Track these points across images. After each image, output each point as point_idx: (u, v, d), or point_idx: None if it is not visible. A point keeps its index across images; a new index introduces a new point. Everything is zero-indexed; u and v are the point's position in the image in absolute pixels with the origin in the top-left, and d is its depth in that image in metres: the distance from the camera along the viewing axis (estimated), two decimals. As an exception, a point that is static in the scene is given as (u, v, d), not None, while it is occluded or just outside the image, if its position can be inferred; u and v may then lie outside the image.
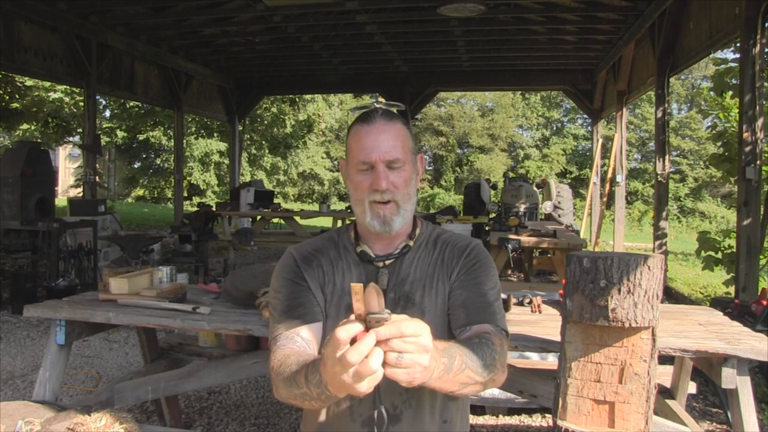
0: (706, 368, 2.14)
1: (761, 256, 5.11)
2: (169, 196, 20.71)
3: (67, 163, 23.77)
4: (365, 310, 0.94)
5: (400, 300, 1.39)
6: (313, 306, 1.38)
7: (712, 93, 6.81)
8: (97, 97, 9.93)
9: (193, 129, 20.21)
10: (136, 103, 16.76)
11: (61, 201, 11.89)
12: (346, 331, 0.93)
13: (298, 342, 1.31)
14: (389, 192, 1.34)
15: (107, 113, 20.19)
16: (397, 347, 0.92)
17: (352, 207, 1.43)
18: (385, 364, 0.92)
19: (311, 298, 1.39)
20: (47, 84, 13.64)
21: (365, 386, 0.93)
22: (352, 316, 0.94)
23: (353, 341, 0.92)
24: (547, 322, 2.29)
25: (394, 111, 1.42)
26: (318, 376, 1.06)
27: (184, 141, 15.74)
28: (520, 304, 2.61)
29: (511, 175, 11.94)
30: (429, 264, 1.43)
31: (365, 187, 1.35)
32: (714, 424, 3.39)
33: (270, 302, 1.44)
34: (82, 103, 9.71)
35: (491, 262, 1.46)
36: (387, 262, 1.41)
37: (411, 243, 1.43)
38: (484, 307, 1.36)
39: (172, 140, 14.15)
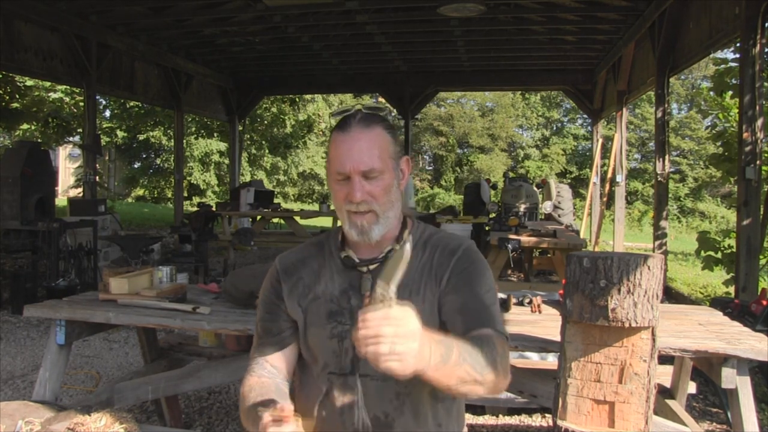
0: (706, 368, 2.15)
1: (761, 256, 5.11)
2: (169, 196, 20.70)
3: (67, 163, 23.74)
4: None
5: None
6: (283, 331, 1.42)
7: (712, 93, 6.81)
8: (97, 97, 9.94)
9: (193, 129, 20.20)
10: (136, 103, 16.75)
11: (61, 201, 11.89)
12: None
13: (267, 369, 1.39)
14: (365, 203, 1.31)
15: (107, 113, 20.20)
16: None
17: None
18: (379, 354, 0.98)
19: (283, 322, 1.42)
20: (47, 84, 13.63)
21: None
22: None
23: None
24: (547, 322, 2.29)
25: (380, 114, 1.36)
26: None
27: (184, 141, 15.72)
28: (520, 304, 2.61)
29: (511, 175, 11.93)
30: (416, 269, 1.36)
31: (342, 197, 1.33)
32: (714, 424, 3.38)
33: (257, 308, 1.49)
34: (82, 103, 9.70)
35: (485, 263, 1.40)
36: (371, 267, 1.37)
37: (397, 247, 1.38)
38: (480, 311, 1.31)
39: (172, 140, 14.14)
